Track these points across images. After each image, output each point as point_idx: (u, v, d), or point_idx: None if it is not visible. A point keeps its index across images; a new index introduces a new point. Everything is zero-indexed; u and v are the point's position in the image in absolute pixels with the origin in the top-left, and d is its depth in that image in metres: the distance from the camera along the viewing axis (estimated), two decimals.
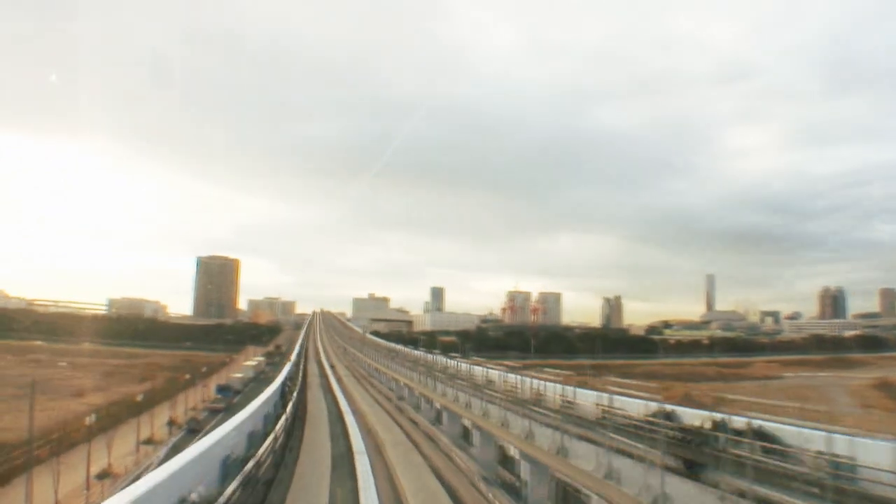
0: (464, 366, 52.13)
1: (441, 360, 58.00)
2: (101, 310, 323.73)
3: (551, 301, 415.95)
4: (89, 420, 40.21)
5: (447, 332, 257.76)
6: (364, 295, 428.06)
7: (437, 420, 44.57)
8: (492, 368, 42.42)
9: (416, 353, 76.45)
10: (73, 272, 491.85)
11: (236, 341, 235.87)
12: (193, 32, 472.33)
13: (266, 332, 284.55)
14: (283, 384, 42.73)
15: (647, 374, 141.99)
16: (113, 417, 57.28)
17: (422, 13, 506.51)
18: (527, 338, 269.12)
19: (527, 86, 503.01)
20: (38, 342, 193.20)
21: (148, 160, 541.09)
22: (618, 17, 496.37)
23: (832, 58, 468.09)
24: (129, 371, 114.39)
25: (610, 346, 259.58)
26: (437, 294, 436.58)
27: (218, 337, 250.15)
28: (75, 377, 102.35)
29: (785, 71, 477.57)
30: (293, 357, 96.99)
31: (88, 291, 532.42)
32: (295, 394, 43.16)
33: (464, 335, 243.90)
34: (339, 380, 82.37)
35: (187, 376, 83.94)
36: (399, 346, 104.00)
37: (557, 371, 33.30)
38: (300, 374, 70.49)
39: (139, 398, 54.75)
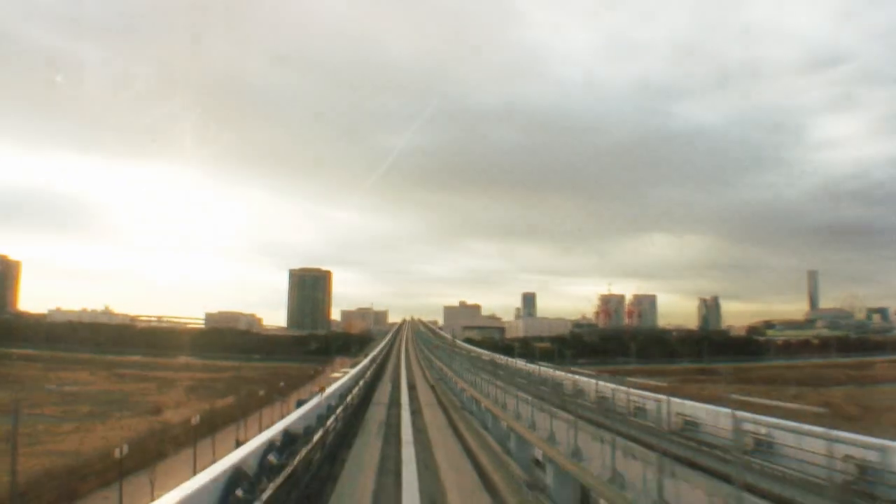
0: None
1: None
2: (199, 324, 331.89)
3: (646, 303, 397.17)
4: (119, 453, 34.36)
5: (540, 339, 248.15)
6: (455, 303, 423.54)
7: None
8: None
9: (551, 371, 52.61)
10: (176, 288, 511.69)
11: (326, 352, 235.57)
12: (277, 55, 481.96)
13: (356, 341, 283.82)
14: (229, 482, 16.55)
15: (765, 379, 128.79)
16: (174, 440, 52.67)
17: (496, 18, 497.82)
18: (624, 342, 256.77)
19: (607, 85, 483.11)
20: (137, 357, 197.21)
21: (241, 178, 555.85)
22: (696, 10, 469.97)
23: None
24: (213, 385, 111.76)
25: (713, 349, 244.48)
26: (529, 300, 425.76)
27: (309, 348, 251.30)
28: (159, 392, 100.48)
29: (875, 55, 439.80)
30: (335, 386, 53.11)
31: (188, 306, 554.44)
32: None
33: (559, 341, 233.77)
34: (415, 411, 50.67)
35: (261, 392, 78.72)
36: (519, 362, 74.75)
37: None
38: (338, 418, 39.77)
39: (195, 420, 49.06)
